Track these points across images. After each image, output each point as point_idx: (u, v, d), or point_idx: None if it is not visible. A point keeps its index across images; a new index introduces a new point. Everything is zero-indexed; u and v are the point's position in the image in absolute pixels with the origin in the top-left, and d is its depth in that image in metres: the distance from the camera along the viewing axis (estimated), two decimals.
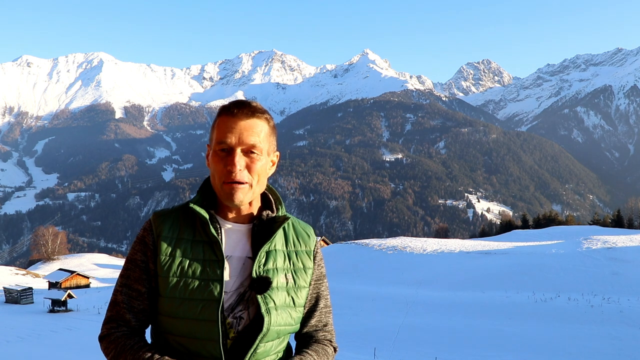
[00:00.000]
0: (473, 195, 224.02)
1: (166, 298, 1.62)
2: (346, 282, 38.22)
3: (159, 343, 1.67)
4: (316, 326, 1.83)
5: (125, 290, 1.68)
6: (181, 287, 1.60)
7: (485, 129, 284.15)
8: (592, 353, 18.14)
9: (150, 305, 1.67)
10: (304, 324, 1.81)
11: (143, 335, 1.69)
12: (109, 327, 1.67)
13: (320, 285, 1.83)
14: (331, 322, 1.87)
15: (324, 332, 1.84)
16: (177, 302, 1.60)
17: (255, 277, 1.63)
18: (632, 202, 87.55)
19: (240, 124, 1.62)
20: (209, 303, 1.58)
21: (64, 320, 31.24)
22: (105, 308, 18.79)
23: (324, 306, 1.84)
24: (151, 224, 1.70)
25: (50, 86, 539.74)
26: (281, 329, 1.67)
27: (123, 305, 1.67)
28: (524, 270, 36.28)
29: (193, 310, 1.58)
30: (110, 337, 1.65)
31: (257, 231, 1.71)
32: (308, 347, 1.77)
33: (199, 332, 1.58)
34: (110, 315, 1.69)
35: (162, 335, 1.67)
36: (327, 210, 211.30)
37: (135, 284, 1.67)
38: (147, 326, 1.71)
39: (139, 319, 1.67)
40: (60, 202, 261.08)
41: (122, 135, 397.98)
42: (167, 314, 1.62)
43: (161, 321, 1.65)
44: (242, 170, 1.60)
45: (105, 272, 78.49)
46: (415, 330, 22.37)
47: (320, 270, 1.84)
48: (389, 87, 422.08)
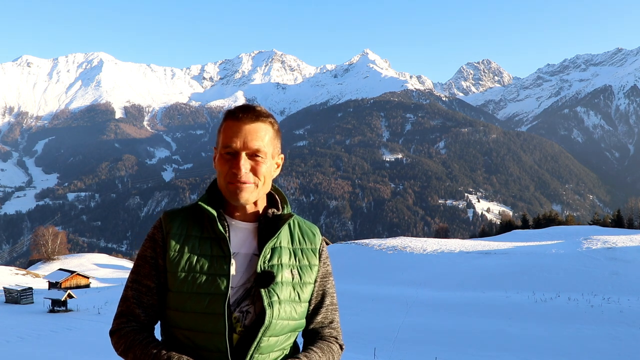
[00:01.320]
0: (473, 195, 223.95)
1: (174, 292, 1.68)
2: (346, 282, 38.18)
3: (168, 338, 1.73)
4: (322, 323, 1.86)
5: (135, 286, 1.74)
6: (189, 282, 1.65)
7: (485, 129, 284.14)
8: (592, 353, 18.13)
9: (160, 301, 1.73)
10: (310, 320, 1.84)
11: (152, 331, 1.74)
12: (119, 322, 1.73)
13: (326, 282, 1.87)
14: (337, 319, 1.91)
15: (329, 329, 1.87)
16: (185, 296, 1.65)
17: (259, 272, 1.68)
18: (632, 202, 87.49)
19: (245, 128, 1.67)
20: (215, 297, 1.63)
21: (64, 320, 31.24)
22: (106, 308, 18.88)
23: (330, 303, 1.87)
24: (161, 222, 1.75)
25: (50, 86, 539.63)
26: (285, 323, 1.70)
27: (133, 300, 1.73)
28: (524, 270, 36.24)
29: (200, 304, 1.63)
30: (121, 332, 1.70)
31: (263, 228, 1.76)
32: (313, 344, 1.80)
33: (206, 326, 1.63)
34: (120, 310, 1.75)
35: (170, 330, 1.72)
36: (327, 210, 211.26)
37: (144, 279, 1.73)
38: (156, 321, 1.76)
39: (148, 314, 1.73)
40: (60, 202, 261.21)
41: (122, 135, 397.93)
42: (175, 308, 1.68)
43: (169, 315, 1.71)
44: (248, 173, 1.67)
45: (105, 272, 78.48)
46: (415, 330, 22.36)
47: (326, 268, 1.88)
48: (389, 87, 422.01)
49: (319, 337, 1.85)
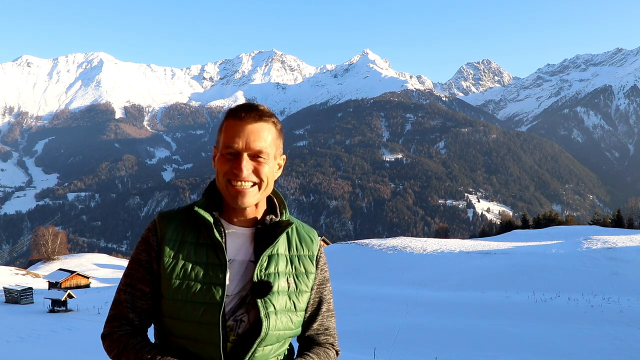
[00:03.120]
0: (473, 195, 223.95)
1: (168, 300, 1.63)
2: (346, 282, 38.20)
3: (161, 345, 1.68)
4: (318, 330, 1.83)
5: (129, 290, 1.69)
6: (183, 290, 1.61)
7: (485, 129, 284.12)
8: (592, 353, 18.14)
9: (154, 306, 1.69)
10: (306, 327, 1.81)
11: (145, 335, 1.70)
12: (112, 325, 1.68)
13: (323, 289, 1.84)
14: (333, 325, 1.88)
15: (325, 336, 1.84)
16: (179, 304, 1.61)
17: (256, 282, 1.64)
18: (632, 202, 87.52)
19: (248, 128, 1.61)
20: (210, 306, 1.58)
21: (64, 320, 31.24)
22: (106, 308, 18.79)
23: (327, 310, 1.85)
24: (155, 225, 1.70)
25: (50, 86, 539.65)
26: (281, 333, 1.67)
27: (126, 304, 1.68)
28: (524, 270, 36.26)
29: (195, 313, 1.59)
30: (113, 336, 1.66)
31: (260, 235, 1.70)
32: (310, 350, 1.78)
33: (200, 335, 1.59)
34: (113, 313, 1.69)
35: (163, 337, 1.68)
36: (327, 210, 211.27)
37: (139, 283, 1.68)
38: (149, 325, 1.73)
39: (141, 318, 1.69)
40: (60, 202, 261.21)
41: (122, 135, 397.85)
42: (169, 315, 1.63)
43: (163, 322, 1.66)
44: (249, 174, 1.61)
45: (105, 272, 78.49)
46: (415, 330, 22.36)
47: (324, 275, 1.84)
48: (389, 87, 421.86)
49: (315, 343, 1.83)
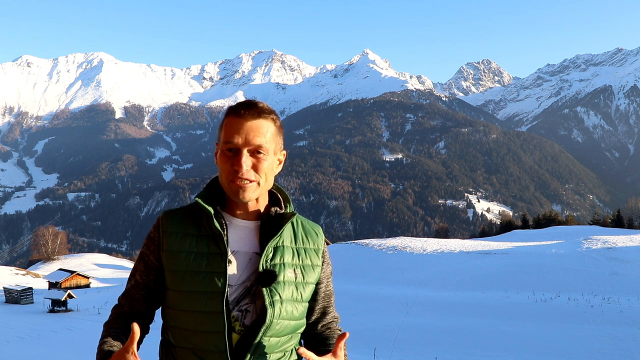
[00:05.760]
0: (473, 195, 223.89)
1: (172, 291, 1.68)
2: (346, 282, 38.19)
3: (168, 338, 1.74)
4: (332, 321, 1.92)
5: (130, 279, 1.81)
6: (186, 280, 1.65)
7: (485, 129, 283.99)
8: (592, 353, 18.13)
9: (147, 297, 1.77)
10: (319, 320, 1.89)
11: (132, 320, 1.73)
12: (112, 311, 1.83)
13: (330, 283, 1.90)
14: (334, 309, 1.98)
15: (336, 323, 1.94)
16: (182, 294, 1.65)
17: (261, 271, 1.66)
18: (632, 202, 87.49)
19: (247, 125, 1.64)
20: (213, 295, 1.62)
21: (64, 320, 31.25)
22: (106, 308, 19.05)
23: (334, 301, 1.94)
24: (159, 221, 1.76)
25: (50, 86, 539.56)
26: (285, 322, 1.69)
27: (124, 292, 1.82)
28: (524, 270, 36.25)
29: (198, 303, 1.62)
30: (109, 318, 1.80)
31: (265, 227, 1.74)
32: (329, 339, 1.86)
33: (204, 325, 1.62)
34: (119, 299, 1.83)
35: (170, 330, 1.73)
36: (327, 210, 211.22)
37: (136, 274, 1.79)
38: (141, 312, 1.80)
39: (132, 305, 1.78)
40: (60, 202, 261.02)
41: (122, 135, 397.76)
42: (174, 306, 1.68)
43: (168, 314, 1.72)
44: (249, 170, 1.64)
45: (105, 272, 78.45)
46: (415, 330, 22.36)
47: (330, 268, 1.89)
48: (389, 87, 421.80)
49: (331, 331, 1.90)
